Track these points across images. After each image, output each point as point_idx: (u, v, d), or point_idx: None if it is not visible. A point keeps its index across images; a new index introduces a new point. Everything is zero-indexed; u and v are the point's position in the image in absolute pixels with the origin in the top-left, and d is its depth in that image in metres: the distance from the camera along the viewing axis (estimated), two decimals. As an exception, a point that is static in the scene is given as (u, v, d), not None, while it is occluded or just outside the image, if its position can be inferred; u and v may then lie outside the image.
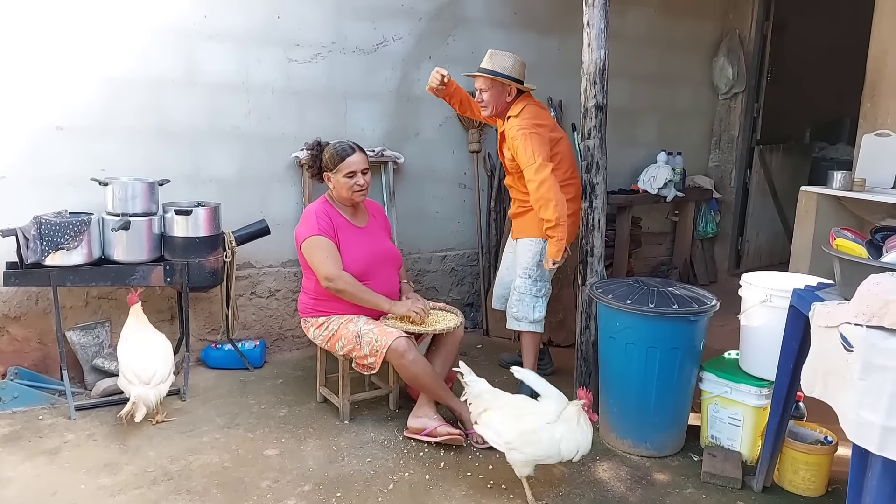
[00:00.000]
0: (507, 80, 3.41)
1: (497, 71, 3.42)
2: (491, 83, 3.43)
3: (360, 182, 3.18)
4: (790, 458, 2.77)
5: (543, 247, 3.46)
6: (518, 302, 3.55)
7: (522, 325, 3.56)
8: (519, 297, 3.54)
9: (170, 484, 2.74)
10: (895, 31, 4.40)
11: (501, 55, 3.45)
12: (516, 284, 3.57)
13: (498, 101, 3.46)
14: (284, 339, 4.32)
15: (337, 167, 3.17)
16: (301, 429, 3.25)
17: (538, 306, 3.54)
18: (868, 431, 1.86)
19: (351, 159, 3.17)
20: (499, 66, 3.42)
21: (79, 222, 3.29)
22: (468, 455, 3.04)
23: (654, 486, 2.83)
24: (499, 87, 3.43)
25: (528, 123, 3.36)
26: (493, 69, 3.42)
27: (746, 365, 3.00)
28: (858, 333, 1.90)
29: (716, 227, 6.03)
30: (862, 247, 2.27)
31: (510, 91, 3.44)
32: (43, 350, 3.66)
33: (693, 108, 5.94)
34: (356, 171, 3.17)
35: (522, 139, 3.31)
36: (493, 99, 3.45)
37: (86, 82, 3.57)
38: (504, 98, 3.46)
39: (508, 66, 3.42)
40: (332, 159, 3.18)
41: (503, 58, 3.44)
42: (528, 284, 3.53)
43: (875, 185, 4.32)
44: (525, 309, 3.53)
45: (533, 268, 3.52)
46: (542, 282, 3.54)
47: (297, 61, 4.09)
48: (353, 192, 3.19)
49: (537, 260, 3.51)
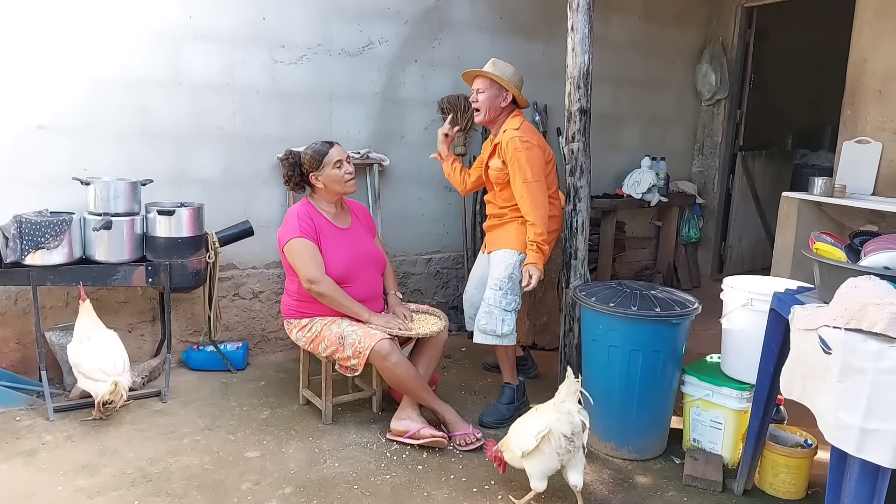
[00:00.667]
0: (504, 83, 3.37)
1: (497, 73, 3.39)
2: (489, 84, 3.40)
3: (349, 170, 3.20)
4: (771, 461, 2.79)
5: (517, 260, 3.38)
6: (486, 314, 3.37)
7: (489, 339, 3.39)
8: (488, 309, 3.38)
9: (149, 486, 2.72)
10: (874, 40, 4.46)
11: (504, 64, 3.45)
12: (486, 296, 3.41)
13: (493, 104, 3.42)
14: (267, 340, 4.29)
15: (322, 163, 3.16)
16: (283, 431, 3.23)
17: (507, 320, 3.38)
18: (846, 433, 1.88)
19: (332, 151, 3.18)
20: (500, 72, 3.41)
21: (59, 221, 3.26)
22: (451, 458, 3.04)
23: (636, 489, 2.84)
24: (496, 90, 3.40)
25: (530, 140, 3.33)
26: (495, 72, 3.40)
27: (728, 368, 3.02)
28: (837, 336, 1.92)
29: (699, 233, 6.07)
30: (841, 251, 2.29)
31: (505, 97, 3.41)
32: (21, 350, 3.62)
33: (677, 114, 5.99)
34: (341, 159, 3.18)
35: (526, 151, 3.27)
36: (488, 101, 3.41)
37: (69, 81, 3.55)
38: (499, 102, 3.42)
39: (509, 74, 3.41)
40: (314, 159, 3.17)
41: (505, 66, 3.43)
42: (499, 297, 3.37)
43: (855, 191, 4.38)
44: (493, 322, 3.36)
45: (505, 280, 3.37)
46: (513, 295, 3.39)
47: (282, 63, 4.08)
48: (346, 181, 3.19)
49: (510, 272, 3.37)
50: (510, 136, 3.32)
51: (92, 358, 3.16)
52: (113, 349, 3.25)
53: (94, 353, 3.18)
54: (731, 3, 5.78)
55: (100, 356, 3.18)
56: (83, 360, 3.16)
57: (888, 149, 4.38)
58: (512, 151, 3.29)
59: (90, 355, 3.17)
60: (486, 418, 3.37)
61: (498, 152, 3.41)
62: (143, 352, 3.91)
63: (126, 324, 3.86)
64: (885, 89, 4.41)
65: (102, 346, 3.23)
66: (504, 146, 3.34)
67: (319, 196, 3.26)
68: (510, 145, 3.30)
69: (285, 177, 3.27)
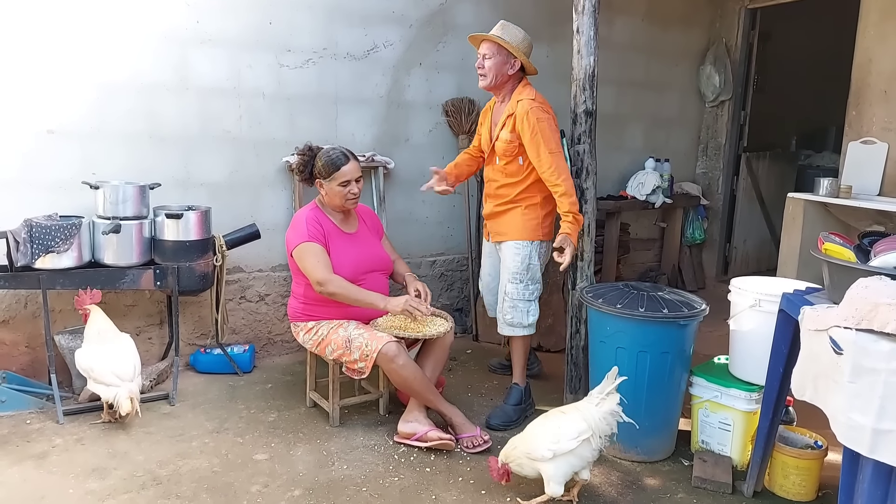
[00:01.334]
0: (513, 49, 3.25)
1: (506, 38, 3.26)
2: (497, 49, 3.26)
3: (353, 191, 3.19)
4: (780, 463, 2.79)
5: (531, 249, 3.36)
6: (511, 308, 3.40)
7: (517, 331, 3.42)
8: (512, 303, 3.39)
9: (159, 489, 2.72)
10: (879, 41, 4.47)
11: (514, 27, 3.29)
12: (507, 291, 3.41)
13: (499, 71, 3.29)
14: (274, 343, 4.30)
15: (331, 176, 3.16)
16: (291, 433, 3.23)
17: (531, 310, 3.42)
18: (859, 434, 1.87)
19: (346, 168, 3.16)
20: (509, 37, 3.26)
21: (69, 225, 3.27)
22: (458, 460, 3.04)
23: (645, 492, 2.84)
24: (504, 57, 3.27)
25: (546, 110, 3.22)
26: (503, 37, 3.26)
27: (736, 369, 3.02)
28: (848, 337, 1.92)
29: (703, 234, 6.07)
30: (850, 251, 2.29)
31: (513, 64, 3.29)
32: (31, 354, 3.63)
33: (680, 116, 5.99)
34: (350, 179, 3.17)
35: (548, 121, 3.18)
36: (495, 68, 3.29)
37: (78, 86, 3.56)
38: (506, 70, 3.28)
39: (519, 39, 3.27)
40: (327, 167, 3.16)
41: (515, 30, 3.28)
42: (520, 289, 3.38)
43: (861, 191, 4.38)
44: (519, 315, 3.40)
45: (523, 272, 3.37)
46: (534, 284, 3.41)
47: (288, 66, 4.09)
48: (347, 200, 3.19)
49: (527, 263, 3.36)
50: (528, 106, 3.19)
51: (106, 361, 3.16)
52: (128, 353, 3.25)
53: (108, 357, 3.18)
54: (735, 5, 5.79)
55: (115, 360, 3.18)
56: (95, 364, 3.15)
57: (894, 149, 4.38)
58: (535, 122, 3.17)
59: (104, 359, 3.17)
60: (493, 420, 3.37)
61: (511, 123, 3.28)
62: (150, 355, 3.92)
63: (134, 327, 3.86)
64: (890, 90, 4.41)
65: (117, 349, 3.23)
66: (522, 117, 3.20)
67: (326, 201, 3.27)
68: (531, 115, 3.17)
69: (299, 166, 3.28)
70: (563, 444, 2.52)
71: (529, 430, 2.69)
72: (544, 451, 2.53)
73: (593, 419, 2.55)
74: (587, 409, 2.60)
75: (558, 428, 2.57)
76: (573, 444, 2.51)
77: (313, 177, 3.24)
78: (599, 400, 2.60)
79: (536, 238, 3.37)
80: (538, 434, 2.62)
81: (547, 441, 2.55)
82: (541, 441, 2.57)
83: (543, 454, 2.53)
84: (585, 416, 2.57)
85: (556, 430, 2.57)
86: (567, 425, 2.57)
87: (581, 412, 2.60)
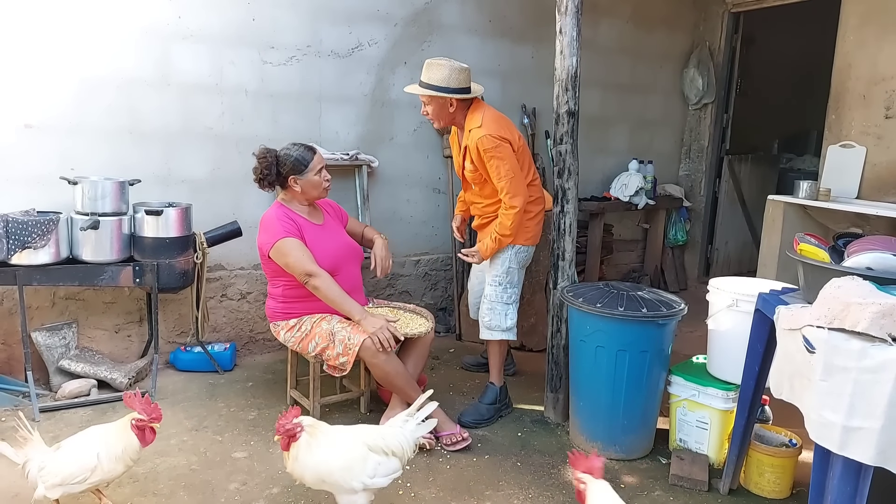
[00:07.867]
0: (441, 95, 3.25)
1: (433, 85, 3.25)
2: (429, 97, 3.31)
3: (327, 177, 3.23)
4: (756, 461, 2.82)
5: (511, 253, 3.41)
6: (489, 311, 3.45)
7: (495, 335, 3.46)
8: (490, 305, 3.45)
9: (136, 486, 2.70)
10: (859, 46, 4.52)
11: (437, 66, 3.25)
12: (487, 293, 3.47)
13: (441, 113, 3.34)
14: (255, 341, 4.28)
15: (307, 168, 3.15)
16: (270, 431, 3.20)
17: (510, 314, 3.47)
18: (829, 431, 1.90)
19: (317, 157, 3.19)
20: (435, 79, 3.25)
21: (46, 221, 3.24)
22: (439, 458, 3.04)
23: (623, 489, 2.85)
24: (439, 100, 3.30)
25: (496, 140, 3.22)
26: (430, 83, 3.26)
27: (714, 369, 3.05)
28: (820, 335, 1.94)
29: (686, 235, 6.12)
30: (825, 252, 2.32)
31: (451, 102, 3.31)
32: (7, 351, 3.59)
33: (664, 118, 6.03)
34: (321, 167, 3.21)
35: (496, 150, 3.21)
36: (436, 112, 3.34)
37: (57, 81, 3.53)
38: (447, 110, 3.31)
39: (444, 78, 3.23)
40: (298, 163, 3.14)
41: (438, 69, 3.24)
42: (499, 292, 3.44)
43: (840, 194, 4.43)
44: (497, 317, 3.44)
45: (503, 275, 3.43)
46: (513, 288, 3.47)
47: (271, 63, 4.08)
48: (324, 187, 3.21)
49: (507, 267, 3.43)
50: (476, 136, 3.23)
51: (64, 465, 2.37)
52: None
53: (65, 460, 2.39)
54: (719, 9, 5.84)
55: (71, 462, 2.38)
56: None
57: (872, 153, 4.44)
58: (483, 153, 3.23)
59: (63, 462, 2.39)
60: (465, 417, 3.38)
61: (468, 156, 3.35)
62: (130, 352, 3.90)
63: (113, 324, 3.84)
64: (868, 94, 4.47)
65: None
66: (472, 150, 3.27)
67: (291, 197, 3.22)
68: (480, 147, 3.23)
69: (259, 174, 3.15)
70: (378, 480, 2.32)
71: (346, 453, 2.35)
72: (356, 483, 2.29)
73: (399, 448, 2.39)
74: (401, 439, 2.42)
75: (378, 465, 2.34)
76: (385, 481, 2.34)
77: (282, 177, 3.18)
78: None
79: (516, 242, 3.39)
80: (354, 461, 2.32)
81: (363, 475, 2.30)
82: (356, 472, 2.30)
83: (354, 486, 2.29)
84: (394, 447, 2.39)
85: (374, 465, 2.33)
86: (385, 463, 2.35)
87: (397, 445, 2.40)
